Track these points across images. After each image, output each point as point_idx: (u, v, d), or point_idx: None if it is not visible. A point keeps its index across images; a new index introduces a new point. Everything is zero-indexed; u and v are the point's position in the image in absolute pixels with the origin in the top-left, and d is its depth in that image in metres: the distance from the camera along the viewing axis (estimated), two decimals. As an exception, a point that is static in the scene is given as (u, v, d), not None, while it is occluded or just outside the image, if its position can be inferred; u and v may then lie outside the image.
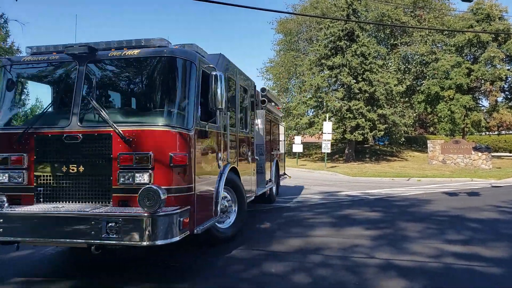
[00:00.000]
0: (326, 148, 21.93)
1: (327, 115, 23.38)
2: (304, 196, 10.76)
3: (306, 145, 32.96)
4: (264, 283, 3.85)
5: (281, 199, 9.95)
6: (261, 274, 4.09)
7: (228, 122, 5.33)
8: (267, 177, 8.28)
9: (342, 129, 26.15)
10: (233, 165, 5.57)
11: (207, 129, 4.55)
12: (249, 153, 6.63)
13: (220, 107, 4.44)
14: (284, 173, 11.32)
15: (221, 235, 5.17)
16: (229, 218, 5.45)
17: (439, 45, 31.39)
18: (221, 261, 4.57)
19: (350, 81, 24.54)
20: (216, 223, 4.92)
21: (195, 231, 4.10)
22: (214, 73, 4.42)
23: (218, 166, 4.99)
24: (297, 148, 24.29)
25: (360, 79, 25.04)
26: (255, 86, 7.34)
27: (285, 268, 4.27)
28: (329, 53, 26.25)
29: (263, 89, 8.29)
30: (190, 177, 4.14)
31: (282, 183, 11.07)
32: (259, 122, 7.88)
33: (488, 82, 24.93)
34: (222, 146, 5.12)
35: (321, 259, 4.60)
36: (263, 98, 8.12)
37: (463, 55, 26.87)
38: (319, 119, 25.66)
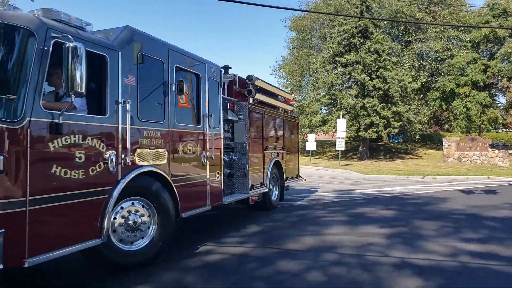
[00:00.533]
0: (340, 146, 21.81)
1: (341, 113, 23.24)
2: (318, 194, 10.75)
3: (319, 143, 32.83)
4: (279, 281, 3.88)
5: (294, 197, 9.95)
6: (275, 272, 4.12)
7: (135, 113, 4.20)
8: (254, 180, 7.02)
9: (356, 127, 25.99)
10: (154, 169, 4.40)
11: (60, 122, 3.37)
12: (202, 153, 5.42)
13: (79, 90, 3.32)
14: (298, 174, 9.93)
15: (128, 259, 4.12)
16: (144, 237, 4.31)
17: (455, 42, 30.88)
18: (235, 259, 4.61)
19: (364, 78, 24.36)
20: (118, 243, 4.02)
21: (25, 263, 3.08)
22: (68, 44, 3.30)
23: (110, 172, 3.84)
24: (311, 146, 24.23)
25: (374, 76, 24.82)
26: (221, 72, 6.18)
27: (299, 266, 4.29)
28: (343, 50, 26.10)
29: (249, 77, 7.05)
30: (12, 189, 3.07)
31: (296, 184, 10.42)
32: (238, 116, 6.79)
33: (505, 79, 24.44)
34: (120, 144, 3.97)
35: (335, 258, 4.61)
36: (250, 88, 7.00)
37: (479, 51, 26.39)
38: (333, 116, 25.55)
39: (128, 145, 4.06)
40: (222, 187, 6.00)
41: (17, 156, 3.09)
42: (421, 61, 31.70)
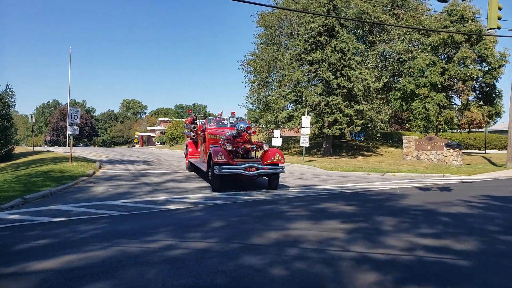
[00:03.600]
0: (304, 142, 22.13)
1: (306, 110, 23.55)
2: (283, 190, 10.84)
3: (284, 139, 33.12)
4: (242, 276, 3.86)
5: (259, 192, 9.99)
6: (238, 267, 4.11)
7: None
8: None
9: (320, 124, 26.45)
10: None
11: None
12: None
13: None
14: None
15: None
16: None
17: (416, 44, 32.11)
18: (198, 254, 4.55)
19: (329, 77, 24.78)
20: None
21: None
22: None
23: None
24: (276, 141, 24.39)
25: (339, 75, 25.32)
26: None
27: (262, 261, 4.30)
28: (309, 48, 26.40)
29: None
30: None
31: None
32: None
33: (461, 82, 25.68)
34: None
35: (298, 252, 4.66)
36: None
37: (438, 54, 27.56)
38: (298, 113, 25.84)
39: None
40: None
41: None
42: (384, 61, 32.73)
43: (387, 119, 29.70)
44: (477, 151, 37.69)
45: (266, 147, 10.78)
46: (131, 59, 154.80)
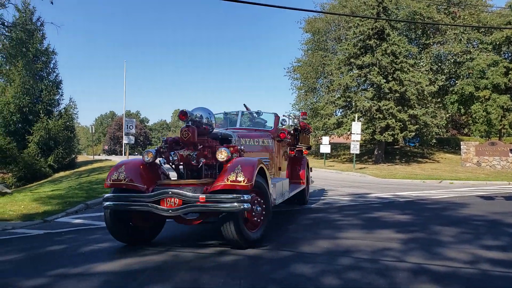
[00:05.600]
0: (355, 149, 21.62)
1: (356, 115, 23.03)
2: (332, 198, 10.65)
3: (334, 146, 32.57)
4: (293, 284, 3.84)
5: (308, 200, 9.88)
6: (290, 275, 4.08)
7: None
8: None
9: (371, 130, 25.73)
10: None
11: None
12: None
13: None
14: None
15: None
16: None
17: (475, 44, 30.26)
18: (249, 261, 4.59)
19: (380, 81, 24.10)
20: None
21: None
22: None
23: None
24: (325, 148, 24.05)
25: (391, 79, 24.54)
26: None
27: (314, 269, 4.24)
28: (358, 52, 25.89)
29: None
30: None
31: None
32: None
33: (528, 82, 23.84)
34: None
35: (351, 262, 4.54)
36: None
37: (501, 53, 25.79)
38: (348, 119, 25.34)
39: None
40: None
41: None
42: (439, 64, 31.19)
43: (443, 124, 28.24)
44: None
45: (223, 155, 5.11)
46: (181, 70, 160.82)
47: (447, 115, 30.88)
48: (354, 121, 22.33)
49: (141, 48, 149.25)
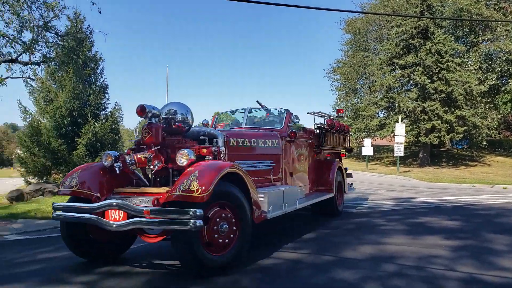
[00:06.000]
0: (399, 151, 20.95)
1: (400, 117, 22.31)
2: (375, 202, 10.35)
3: (376, 148, 31.75)
4: (335, 289, 3.75)
5: (350, 204, 9.66)
6: (330, 280, 4.00)
7: None
8: None
9: (416, 132, 24.84)
10: None
11: None
12: None
13: None
14: None
15: None
16: None
17: (530, 39, 28.33)
18: (289, 265, 4.54)
19: (425, 81, 23.24)
20: None
21: None
22: None
23: None
24: (367, 151, 23.52)
25: (436, 79, 23.59)
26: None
27: (356, 275, 4.13)
28: (401, 51, 25.15)
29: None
30: None
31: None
32: None
33: None
34: None
35: (395, 268, 4.37)
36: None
37: (560, 49, 24.02)
38: (391, 120, 24.64)
39: None
40: None
41: None
42: (490, 62, 29.50)
43: (495, 125, 26.68)
44: None
45: (183, 158, 4.23)
46: (219, 71, 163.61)
47: (499, 116, 29.15)
48: (398, 122, 21.64)
49: (181, 53, 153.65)
